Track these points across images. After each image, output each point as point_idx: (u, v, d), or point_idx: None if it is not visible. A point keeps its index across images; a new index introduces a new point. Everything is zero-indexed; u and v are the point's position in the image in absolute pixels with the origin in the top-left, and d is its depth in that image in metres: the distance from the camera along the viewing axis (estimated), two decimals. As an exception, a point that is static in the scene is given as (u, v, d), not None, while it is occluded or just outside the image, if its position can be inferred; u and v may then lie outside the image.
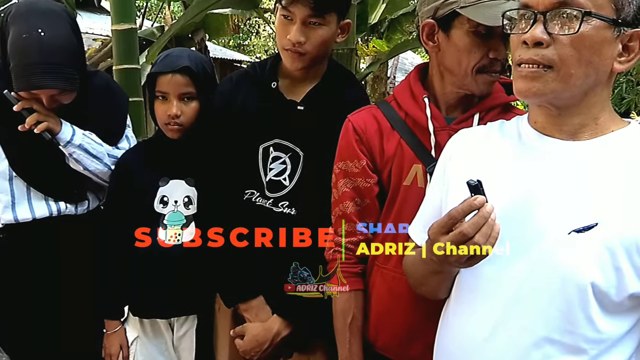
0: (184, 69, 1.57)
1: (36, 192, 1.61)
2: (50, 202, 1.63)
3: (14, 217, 1.60)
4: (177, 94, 1.59)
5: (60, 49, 1.47)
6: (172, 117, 1.59)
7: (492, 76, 1.23)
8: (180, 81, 1.58)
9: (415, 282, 1.16)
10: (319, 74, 1.52)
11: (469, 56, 1.21)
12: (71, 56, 1.51)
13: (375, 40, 5.62)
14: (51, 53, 1.46)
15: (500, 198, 0.93)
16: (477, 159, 1.05)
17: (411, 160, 1.28)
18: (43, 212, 1.62)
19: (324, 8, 1.39)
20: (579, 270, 0.89)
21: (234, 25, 5.54)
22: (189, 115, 1.60)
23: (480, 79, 1.23)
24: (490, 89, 1.27)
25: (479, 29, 1.18)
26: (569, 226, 0.91)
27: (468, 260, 0.91)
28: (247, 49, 16.03)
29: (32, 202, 1.61)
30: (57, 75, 1.47)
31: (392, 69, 9.46)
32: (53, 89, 1.49)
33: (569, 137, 0.97)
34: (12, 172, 1.59)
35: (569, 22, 0.88)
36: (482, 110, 1.27)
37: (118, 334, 1.69)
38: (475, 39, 1.19)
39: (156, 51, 4.26)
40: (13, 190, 1.59)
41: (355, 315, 1.34)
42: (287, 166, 1.50)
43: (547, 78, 0.90)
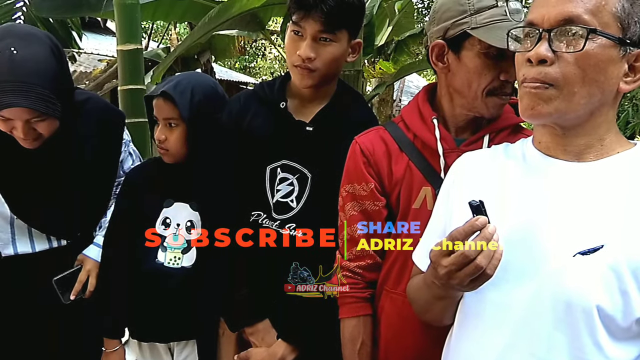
0: (162, 93, 1.56)
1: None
2: (52, 238, 1.60)
3: (14, 251, 1.57)
4: (162, 119, 1.59)
5: (35, 70, 1.35)
6: (160, 142, 1.60)
7: (503, 99, 1.22)
8: (162, 106, 1.58)
9: (420, 308, 1.14)
10: (328, 94, 1.50)
11: (480, 78, 1.19)
12: (49, 79, 1.38)
13: (382, 62, 5.67)
14: (24, 72, 1.34)
15: (505, 220, 0.92)
16: (482, 182, 1.03)
17: (420, 183, 1.26)
18: (44, 246, 1.59)
19: (335, 24, 1.37)
20: (584, 293, 0.87)
21: (240, 47, 5.59)
22: (172, 141, 1.59)
23: (491, 102, 1.21)
24: (500, 111, 1.24)
25: (490, 51, 1.17)
26: (574, 248, 0.89)
27: (471, 283, 0.89)
28: (253, 71, 16.18)
29: (33, 237, 1.58)
30: (28, 94, 1.33)
31: (398, 92, 9.51)
32: (24, 107, 1.34)
33: (574, 158, 0.95)
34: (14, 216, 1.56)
35: (574, 40, 0.87)
36: (492, 132, 1.25)
37: (117, 352, 1.65)
38: (486, 61, 1.18)
39: (161, 72, 4.29)
40: (14, 229, 1.57)
41: (365, 341, 1.32)
42: (294, 188, 1.47)
43: (550, 96, 0.89)
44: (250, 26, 4.55)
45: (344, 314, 1.34)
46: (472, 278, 0.87)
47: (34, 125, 1.42)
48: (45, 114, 1.38)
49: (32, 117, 1.39)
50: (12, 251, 1.56)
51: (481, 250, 0.85)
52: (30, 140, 1.44)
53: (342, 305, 1.35)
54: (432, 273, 0.94)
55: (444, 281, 0.91)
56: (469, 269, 0.86)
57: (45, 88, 1.36)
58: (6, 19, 4.18)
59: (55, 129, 1.46)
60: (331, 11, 1.34)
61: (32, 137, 1.44)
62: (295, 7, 1.38)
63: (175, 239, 1.62)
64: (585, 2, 0.88)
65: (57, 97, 1.40)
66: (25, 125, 1.39)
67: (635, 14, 0.89)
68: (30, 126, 1.41)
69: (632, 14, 0.89)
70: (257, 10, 4.04)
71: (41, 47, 1.39)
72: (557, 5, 0.89)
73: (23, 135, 1.41)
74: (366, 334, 1.32)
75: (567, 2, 0.88)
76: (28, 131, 1.41)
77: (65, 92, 1.48)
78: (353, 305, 1.33)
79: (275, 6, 3.91)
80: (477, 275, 0.87)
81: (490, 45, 1.15)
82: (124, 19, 2.92)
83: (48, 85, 1.37)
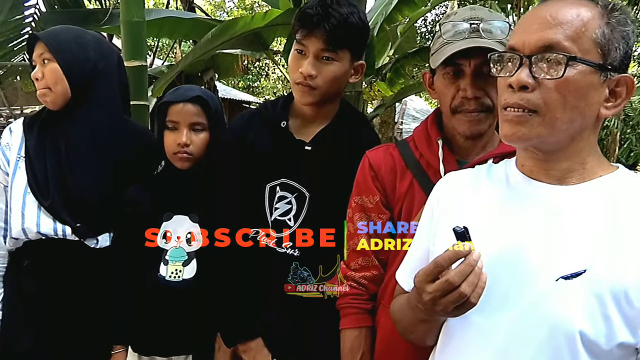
0: (195, 98, 1.60)
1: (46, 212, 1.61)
2: (57, 223, 1.60)
3: (21, 226, 1.58)
4: (188, 123, 1.59)
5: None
6: (182, 146, 1.59)
7: (467, 115, 1.26)
8: (191, 110, 1.59)
9: (403, 329, 1.13)
10: (329, 114, 1.52)
11: (445, 97, 1.28)
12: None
13: (379, 83, 5.71)
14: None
15: (488, 245, 0.92)
16: (464, 204, 1.04)
17: (421, 201, 1.28)
18: (48, 229, 1.59)
19: (337, 43, 1.40)
20: (567, 318, 0.87)
21: (244, 66, 5.64)
22: (198, 145, 1.60)
23: (457, 119, 1.27)
24: (474, 129, 1.27)
25: (446, 71, 1.26)
26: (556, 273, 0.89)
27: (455, 310, 0.89)
28: (256, 90, 16.31)
29: (40, 217, 1.59)
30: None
31: (399, 113, 9.57)
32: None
33: (556, 182, 0.96)
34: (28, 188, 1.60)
35: (555, 67, 0.88)
36: (496, 156, 1.27)
37: (122, 354, 1.65)
38: (444, 82, 1.28)
39: (162, 86, 4.32)
40: (25, 202, 1.59)
41: (365, 352, 1.34)
42: (292, 206, 1.48)
43: (532, 123, 0.90)
44: (254, 46, 4.59)
45: (345, 325, 1.36)
46: (457, 305, 0.87)
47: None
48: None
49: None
50: (20, 227, 1.58)
51: (465, 277, 0.85)
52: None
53: (344, 315, 1.37)
54: (416, 297, 0.94)
55: (427, 307, 0.91)
56: (453, 296, 0.87)
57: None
58: (15, 33, 4.24)
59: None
60: (334, 30, 1.38)
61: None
62: (299, 26, 1.42)
63: (177, 251, 1.62)
64: (565, 29, 0.88)
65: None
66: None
67: (616, 40, 0.90)
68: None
69: (612, 40, 0.90)
70: (260, 30, 4.09)
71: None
72: (537, 31, 0.90)
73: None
74: (367, 345, 1.34)
75: (547, 29, 0.89)
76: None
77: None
78: (355, 316, 1.36)
79: (279, 27, 3.95)
80: (461, 302, 0.87)
81: (445, 67, 1.25)
82: (130, 36, 2.95)
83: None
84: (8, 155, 1.64)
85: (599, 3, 0.92)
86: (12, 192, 1.61)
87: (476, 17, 1.25)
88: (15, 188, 1.61)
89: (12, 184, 1.62)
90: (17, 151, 1.64)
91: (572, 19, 0.89)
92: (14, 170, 1.63)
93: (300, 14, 1.43)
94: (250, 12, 15.01)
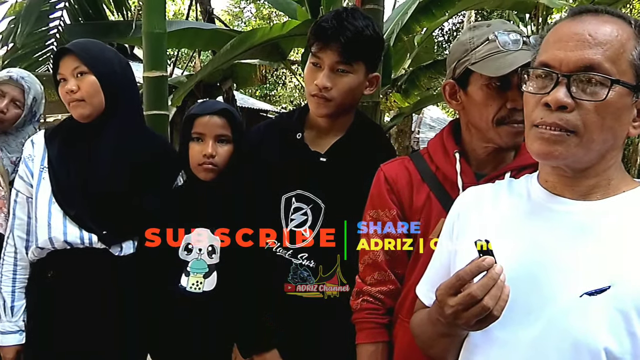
0: (221, 111, 1.64)
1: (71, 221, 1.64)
2: (83, 231, 1.64)
3: (48, 236, 1.62)
4: (214, 135, 1.63)
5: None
6: (207, 157, 1.62)
7: (514, 127, 1.23)
8: (217, 123, 1.63)
9: (423, 344, 1.11)
10: (344, 126, 1.53)
11: (487, 109, 1.23)
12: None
13: (395, 94, 5.70)
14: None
15: (510, 259, 0.91)
16: (486, 218, 1.03)
17: (439, 214, 1.28)
18: (75, 237, 1.62)
19: (352, 55, 1.42)
20: (591, 335, 0.85)
21: (262, 76, 5.68)
22: (222, 156, 1.63)
23: (502, 131, 1.23)
24: (516, 140, 1.26)
25: (491, 82, 1.21)
26: (580, 289, 0.87)
27: (477, 324, 0.88)
28: (273, 99, 16.40)
29: (66, 226, 1.63)
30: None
31: (416, 122, 9.54)
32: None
33: (580, 197, 0.94)
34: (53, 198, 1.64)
35: (594, 88, 0.86)
36: (514, 169, 1.26)
37: None
38: (489, 92, 1.22)
39: (181, 95, 4.38)
40: (50, 212, 1.63)
41: None
42: (308, 217, 1.49)
43: (569, 143, 0.88)
44: (272, 56, 4.64)
45: (362, 339, 1.35)
46: (479, 319, 0.86)
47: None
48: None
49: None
50: (46, 236, 1.61)
51: (488, 290, 0.84)
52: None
53: (360, 330, 1.36)
54: (437, 311, 0.93)
55: (449, 320, 0.90)
56: (475, 310, 0.85)
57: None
58: (40, 44, 4.34)
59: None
60: (348, 43, 1.40)
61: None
62: (314, 39, 1.44)
63: (198, 263, 1.64)
64: (605, 49, 0.87)
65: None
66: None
67: None
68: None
69: None
70: (279, 40, 4.13)
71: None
72: (575, 49, 0.87)
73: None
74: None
75: (587, 48, 0.87)
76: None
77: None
78: (372, 331, 1.34)
79: (297, 37, 3.99)
80: (483, 316, 0.86)
81: (491, 77, 1.20)
82: (151, 47, 3.01)
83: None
84: (31, 167, 1.68)
85: (632, 22, 0.91)
86: (37, 202, 1.65)
87: (516, 30, 1.25)
88: (40, 199, 1.65)
89: (36, 195, 1.66)
90: (40, 162, 1.68)
91: (611, 39, 0.87)
92: (38, 182, 1.66)
93: (316, 28, 1.45)
94: (267, 22, 15.13)
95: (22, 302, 1.68)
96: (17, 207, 1.69)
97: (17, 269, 1.68)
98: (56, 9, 4.19)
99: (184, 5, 12.42)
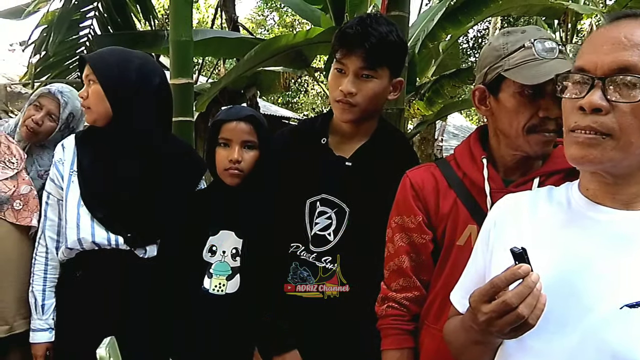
0: (248, 117, 1.66)
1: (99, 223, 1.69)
2: (110, 233, 1.68)
3: (77, 237, 1.67)
4: (240, 141, 1.65)
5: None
6: (233, 162, 1.64)
7: (545, 136, 1.22)
8: (244, 129, 1.65)
9: (456, 351, 1.09)
10: (368, 131, 1.54)
11: (518, 116, 1.21)
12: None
13: (418, 102, 5.67)
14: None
15: (547, 268, 0.89)
16: (523, 226, 1.01)
17: (466, 220, 1.27)
18: (102, 239, 1.67)
19: (376, 61, 1.43)
20: (631, 348, 0.83)
21: (285, 83, 5.71)
22: (248, 162, 1.66)
23: (533, 139, 1.22)
24: (545, 149, 1.25)
25: (524, 90, 1.20)
26: (621, 300, 0.85)
27: (512, 332, 0.86)
28: (295, 106, 16.47)
29: (94, 227, 1.67)
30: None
31: (439, 130, 9.47)
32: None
33: (623, 207, 0.92)
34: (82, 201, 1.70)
35: (630, 89, 0.84)
36: (542, 175, 1.25)
37: None
38: (521, 100, 1.21)
39: (205, 101, 4.43)
40: (79, 214, 1.68)
41: None
42: (332, 221, 1.50)
43: (605, 146, 0.87)
44: (296, 63, 4.66)
45: (387, 345, 1.35)
46: (514, 327, 0.85)
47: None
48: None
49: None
50: (75, 237, 1.66)
51: (523, 299, 0.83)
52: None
53: (385, 336, 1.35)
54: (471, 318, 0.92)
55: (483, 327, 0.88)
56: (510, 318, 0.84)
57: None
58: (70, 52, 4.45)
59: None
60: (373, 48, 1.41)
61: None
62: (339, 45, 1.45)
63: (221, 265, 1.66)
64: None
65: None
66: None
67: None
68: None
69: None
70: (302, 47, 4.16)
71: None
72: (610, 52, 0.87)
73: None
74: None
75: (622, 50, 0.86)
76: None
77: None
78: (397, 337, 1.34)
79: (321, 45, 4.01)
80: (518, 324, 0.84)
81: (524, 85, 1.19)
82: (178, 54, 3.05)
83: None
84: (62, 170, 1.74)
85: None
86: (66, 205, 1.70)
87: (551, 37, 1.23)
88: (70, 201, 1.70)
89: (66, 197, 1.71)
90: (70, 166, 1.73)
91: None
92: (67, 185, 1.72)
93: (340, 34, 1.47)
94: (290, 30, 15.24)
95: (52, 301, 1.73)
96: (49, 208, 1.75)
97: (47, 269, 1.74)
98: (86, 18, 4.30)
99: (209, 13, 12.61)
